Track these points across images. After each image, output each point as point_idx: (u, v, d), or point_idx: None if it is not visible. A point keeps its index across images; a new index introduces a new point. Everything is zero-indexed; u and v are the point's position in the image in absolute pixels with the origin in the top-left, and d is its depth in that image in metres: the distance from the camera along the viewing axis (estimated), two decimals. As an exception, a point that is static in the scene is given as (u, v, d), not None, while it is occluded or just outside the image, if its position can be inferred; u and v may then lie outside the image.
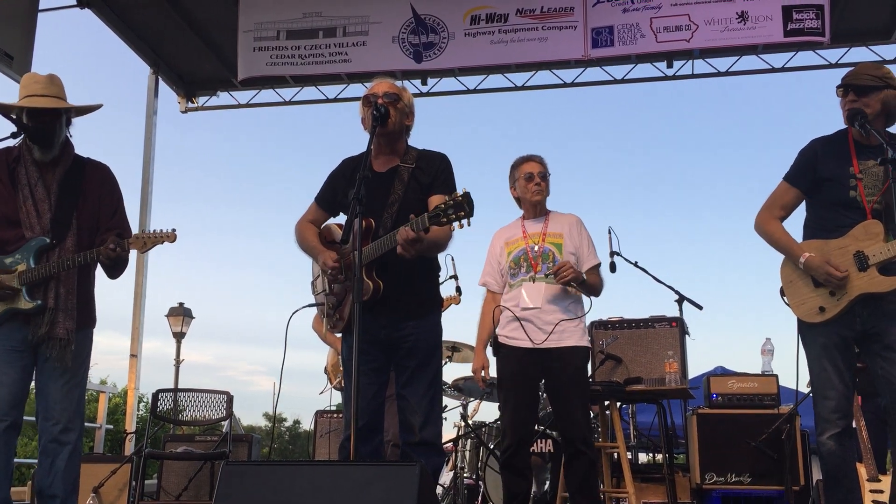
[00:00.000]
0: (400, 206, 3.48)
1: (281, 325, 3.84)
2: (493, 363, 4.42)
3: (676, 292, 5.59)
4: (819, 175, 3.56)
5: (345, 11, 7.32)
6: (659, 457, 5.99)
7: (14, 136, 3.62)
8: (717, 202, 63.82)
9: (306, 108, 8.93)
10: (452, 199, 3.11)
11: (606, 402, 4.93)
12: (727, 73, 7.50)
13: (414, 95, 3.78)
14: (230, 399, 6.45)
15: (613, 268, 5.23)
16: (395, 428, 3.95)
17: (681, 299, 5.57)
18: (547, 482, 5.50)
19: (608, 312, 5.44)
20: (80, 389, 3.65)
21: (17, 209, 3.58)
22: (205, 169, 69.77)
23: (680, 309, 5.55)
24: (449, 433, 6.10)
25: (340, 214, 3.78)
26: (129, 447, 7.33)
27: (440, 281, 3.83)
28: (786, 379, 5.30)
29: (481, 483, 5.58)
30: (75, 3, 7.19)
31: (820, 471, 3.66)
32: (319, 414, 6.82)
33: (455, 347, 6.09)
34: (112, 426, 9.55)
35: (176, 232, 3.65)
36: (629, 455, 5.76)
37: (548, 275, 4.20)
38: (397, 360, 3.52)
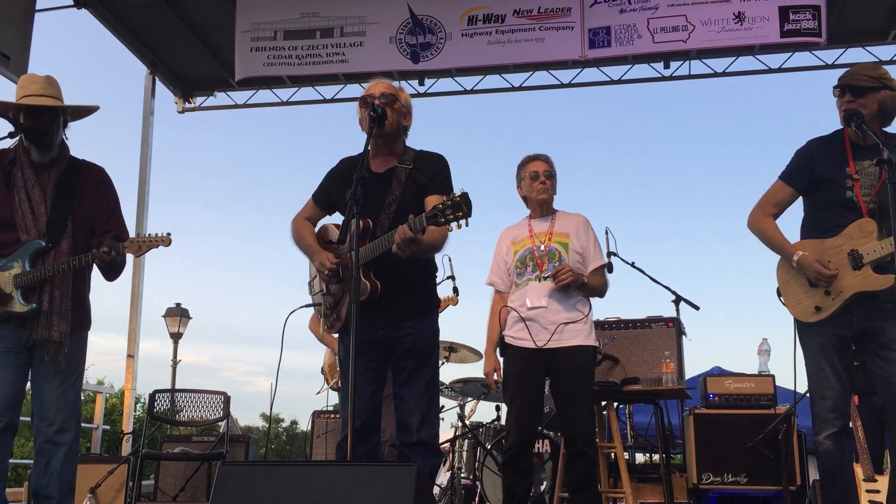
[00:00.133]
0: (397, 207, 3.47)
1: (278, 326, 3.84)
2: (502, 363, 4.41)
3: (673, 293, 5.60)
4: (816, 175, 3.57)
5: (342, 12, 7.32)
6: (656, 457, 5.98)
7: (11, 136, 3.61)
8: (715, 202, 63.98)
9: (304, 109, 8.93)
10: (450, 200, 3.11)
11: (603, 403, 4.94)
12: (724, 74, 7.51)
13: (411, 96, 3.77)
14: (227, 399, 6.45)
15: (611, 268, 5.20)
16: (393, 428, 3.94)
17: (677, 300, 5.58)
18: (544, 482, 5.51)
19: (605, 313, 5.46)
20: (76, 391, 3.63)
21: (13, 212, 3.57)
22: (202, 169, 69.83)
23: (677, 309, 5.56)
24: (446, 434, 6.11)
25: (337, 214, 3.79)
26: (126, 448, 7.31)
27: (438, 282, 3.83)
28: (782, 379, 5.32)
29: (478, 483, 5.58)
30: (72, 4, 7.19)
31: (816, 471, 3.66)
32: (316, 414, 6.82)
33: (452, 348, 6.09)
34: (109, 427, 9.53)
35: (171, 236, 3.66)
36: (626, 455, 5.78)
37: (545, 278, 4.19)
38: (395, 361, 3.52)
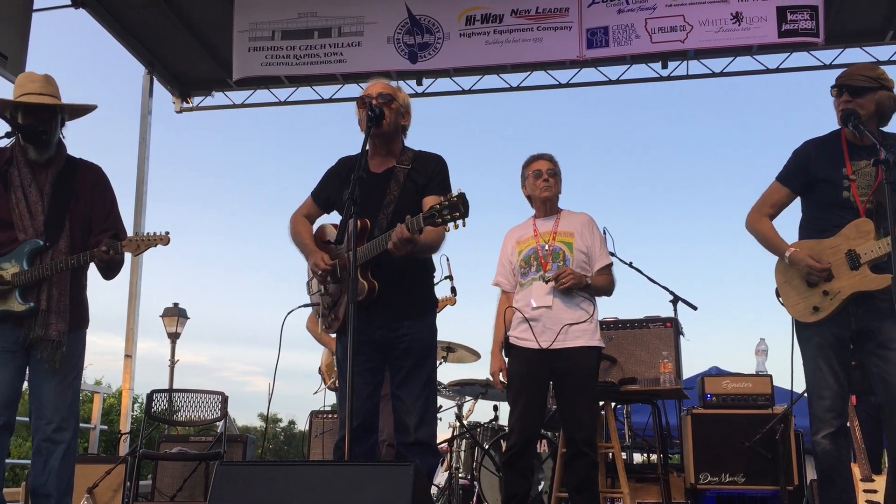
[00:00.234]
0: (395, 207, 3.47)
1: (276, 326, 3.84)
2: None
3: (671, 293, 5.61)
4: (812, 176, 3.58)
5: (340, 12, 7.32)
6: (653, 457, 5.99)
7: (8, 136, 3.61)
8: (712, 203, 63.86)
9: (301, 109, 8.91)
10: (447, 200, 3.11)
11: (601, 403, 4.94)
12: (722, 74, 7.52)
13: (409, 96, 3.77)
14: (225, 399, 6.45)
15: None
16: (390, 428, 3.94)
17: (675, 300, 5.59)
18: (542, 482, 5.51)
19: (603, 313, 5.43)
20: (74, 390, 3.63)
21: (10, 211, 3.57)
22: (199, 169, 69.62)
23: (674, 309, 5.57)
24: (444, 433, 6.11)
25: (335, 213, 3.78)
26: (124, 448, 7.31)
27: (435, 282, 3.83)
28: (780, 379, 5.32)
29: (476, 483, 5.58)
30: (70, 3, 7.19)
31: (814, 470, 3.67)
32: (314, 414, 6.82)
33: (450, 348, 6.09)
34: (106, 427, 9.51)
35: (169, 235, 3.66)
36: (624, 455, 5.78)
37: (547, 280, 4.17)
38: (392, 360, 3.52)
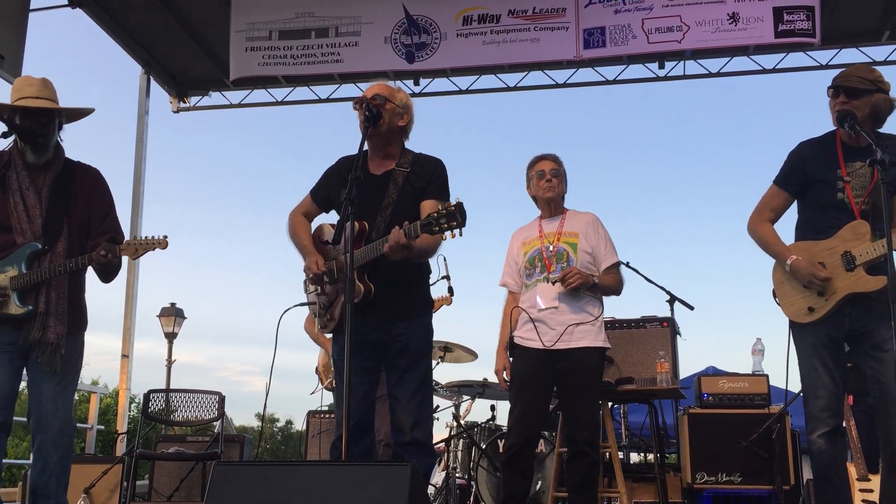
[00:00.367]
0: (393, 210, 3.48)
1: (274, 326, 3.85)
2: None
3: (668, 293, 5.61)
4: (808, 178, 3.59)
5: (337, 12, 7.32)
6: (650, 456, 6.00)
7: (4, 136, 3.61)
8: (709, 203, 64.06)
9: (299, 109, 8.92)
10: (445, 209, 3.11)
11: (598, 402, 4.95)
12: (718, 74, 7.53)
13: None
14: (222, 399, 6.45)
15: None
16: (387, 428, 3.94)
17: (672, 300, 5.59)
18: (539, 482, 5.51)
19: (602, 312, 5.45)
20: (72, 392, 3.64)
21: (9, 215, 3.58)
22: (196, 169, 69.66)
23: (671, 309, 5.56)
24: (441, 433, 6.11)
25: (333, 212, 3.78)
26: (121, 448, 7.31)
27: (432, 282, 3.83)
28: (776, 379, 5.33)
29: (473, 483, 5.58)
30: (67, 3, 7.17)
31: (810, 470, 3.67)
32: (311, 414, 6.82)
33: (447, 348, 6.09)
34: (103, 427, 9.52)
35: (167, 238, 3.68)
36: (620, 455, 5.78)
37: (554, 282, 4.16)
38: (388, 360, 3.52)
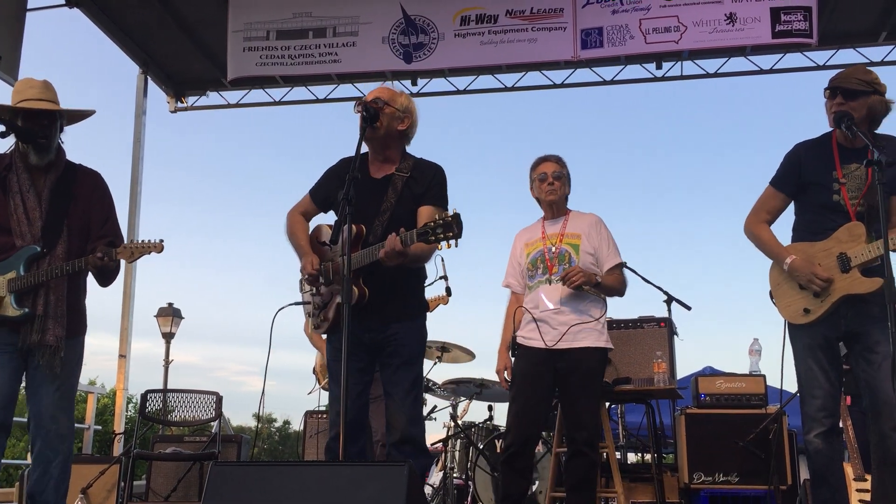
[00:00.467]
0: (391, 215, 3.48)
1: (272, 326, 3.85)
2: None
3: (665, 293, 5.60)
4: (804, 179, 3.60)
5: (335, 12, 7.32)
6: (648, 457, 6.01)
7: (3, 136, 3.61)
8: (707, 203, 64.08)
9: (296, 109, 8.91)
10: (442, 220, 3.12)
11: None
12: (716, 75, 7.52)
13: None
14: (219, 399, 6.44)
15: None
16: (385, 428, 3.95)
17: (669, 300, 5.58)
18: (536, 482, 5.51)
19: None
20: (72, 395, 3.65)
21: (9, 217, 3.58)
22: (194, 168, 69.59)
23: (668, 309, 5.56)
24: (439, 433, 6.11)
25: (332, 213, 3.78)
26: (118, 448, 7.30)
27: (430, 282, 3.84)
28: (773, 379, 5.31)
29: (471, 483, 5.59)
30: (64, 3, 7.16)
31: (807, 470, 3.68)
32: (309, 414, 6.82)
33: (445, 348, 6.08)
34: (100, 427, 9.50)
35: (163, 242, 3.69)
36: (618, 455, 5.78)
37: (556, 281, 4.16)
38: (382, 360, 3.54)
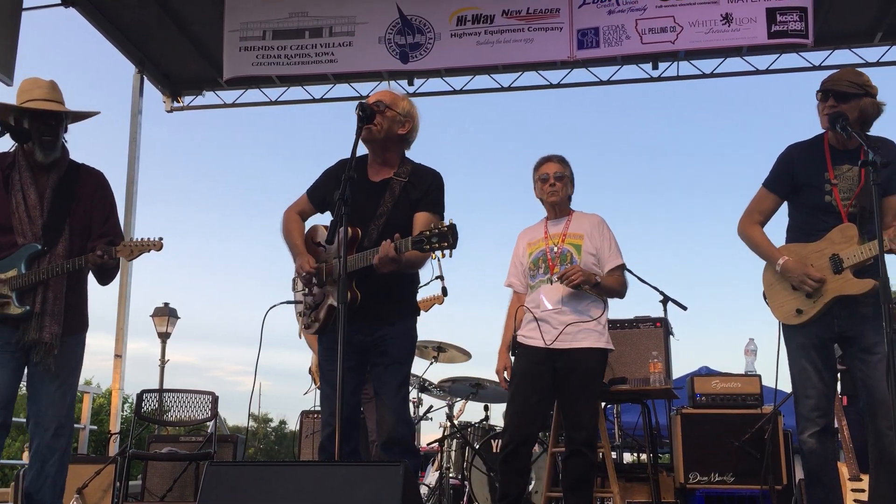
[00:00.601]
0: (387, 220, 3.49)
1: (269, 326, 3.85)
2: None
3: (661, 293, 5.62)
4: (796, 181, 3.61)
5: (331, 12, 7.32)
6: (643, 456, 6.01)
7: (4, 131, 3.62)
8: (703, 203, 64.21)
9: (292, 108, 8.92)
10: (437, 229, 3.12)
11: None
12: (712, 75, 7.53)
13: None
14: (215, 399, 6.44)
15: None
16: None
17: (665, 300, 5.60)
18: (533, 482, 5.51)
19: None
20: (72, 394, 3.65)
21: (10, 215, 3.59)
22: (190, 168, 69.56)
23: (664, 309, 5.58)
24: (435, 433, 6.11)
25: (328, 213, 3.78)
26: (114, 448, 7.28)
27: (426, 282, 3.85)
28: (769, 379, 5.32)
29: (467, 483, 5.59)
30: (60, 2, 7.15)
31: (802, 470, 3.69)
32: (305, 414, 6.81)
33: (441, 348, 6.08)
34: (96, 427, 9.48)
35: (162, 240, 3.70)
36: (613, 455, 5.80)
37: (556, 281, 4.16)
38: (372, 360, 3.54)
